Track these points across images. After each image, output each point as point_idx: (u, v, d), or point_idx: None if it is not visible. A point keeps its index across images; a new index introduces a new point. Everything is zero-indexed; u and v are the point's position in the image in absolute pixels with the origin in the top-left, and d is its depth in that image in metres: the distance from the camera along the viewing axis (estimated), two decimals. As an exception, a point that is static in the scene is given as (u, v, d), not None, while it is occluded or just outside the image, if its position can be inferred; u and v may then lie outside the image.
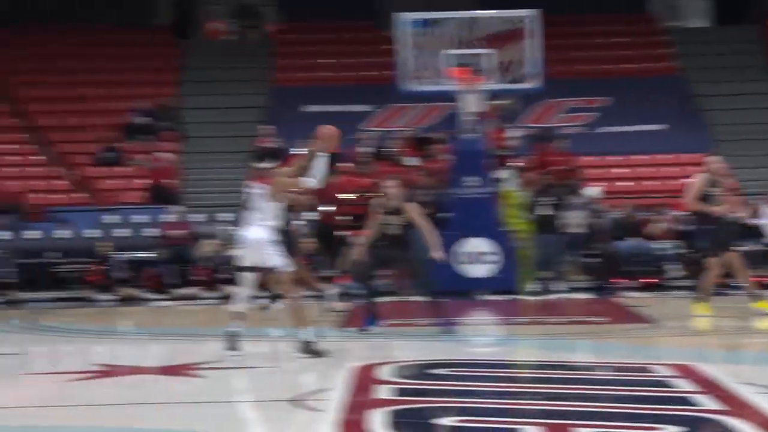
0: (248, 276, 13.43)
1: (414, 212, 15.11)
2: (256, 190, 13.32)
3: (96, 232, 23.95)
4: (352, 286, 21.72)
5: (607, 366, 12.65)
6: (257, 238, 13.26)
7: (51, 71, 32.68)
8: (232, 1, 37.14)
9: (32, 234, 23.93)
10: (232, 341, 13.22)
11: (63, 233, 23.62)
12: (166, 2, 34.87)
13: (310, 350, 12.99)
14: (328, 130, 13.24)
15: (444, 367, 12.34)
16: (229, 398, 11.05)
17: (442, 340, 15.27)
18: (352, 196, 23.09)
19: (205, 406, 10.57)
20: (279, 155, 25.86)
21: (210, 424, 9.65)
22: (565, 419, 9.04)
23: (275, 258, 13.34)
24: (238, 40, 37.58)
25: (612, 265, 22.54)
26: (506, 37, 23.02)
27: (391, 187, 15.21)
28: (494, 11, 23.68)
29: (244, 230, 13.33)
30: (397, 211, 15.11)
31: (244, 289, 13.43)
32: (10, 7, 33.20)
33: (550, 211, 21.57)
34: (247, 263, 13.41)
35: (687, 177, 26.11)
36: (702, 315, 16.73)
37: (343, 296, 20.72)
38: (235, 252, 13.41)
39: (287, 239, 14.17)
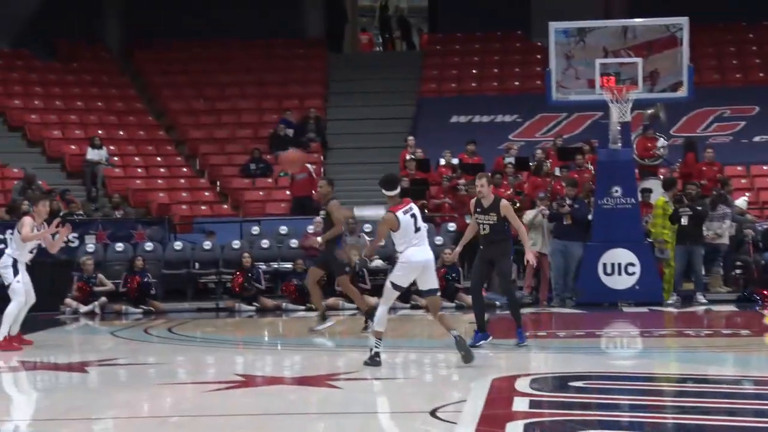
0: (395, 294, 13.35)
1: (509, 211, 14.86)
2: (415, 210, 13.23)
3: (240, 243, 24.18)
4: (494, 297, 21.63)
5: (749, 380, 12.31)
6: (427, 259, 13.20)
7: (200, 85, 33.26)
8: (382, 14, 37.31)
9: (178, 245, 24.27)
10: (374, 360, 13.13)
11: (207, 244, 23.91)
12: (317, 15, 35.19)
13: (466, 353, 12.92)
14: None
15: (583, 380, 12.15)
16: (366, 409, 10.99)
17: (581, 352, 15.06)
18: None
19: (342, 417, 10.55)
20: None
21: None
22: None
23: (436, 280, 13.32)
24: (386, 52, 37.74)
25: (757, 277, 22.01)
26: (656, 45, 22.62)
27: (483, 186, 14.98)
28: (644, 19, 23.32)
29: (412, 251, 13.20)
30: (489, 211, 14.84)
31: (386, 308, 13.32)
32: (160, 23, 33.86)
33: (694, 222, 21.13)
34: (406, 283, 13.34)
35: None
36: None
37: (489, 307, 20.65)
38: (398, 271, 13.26)
39: None
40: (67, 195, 26.09)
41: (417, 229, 13.19)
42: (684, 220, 21.18)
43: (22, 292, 15.84)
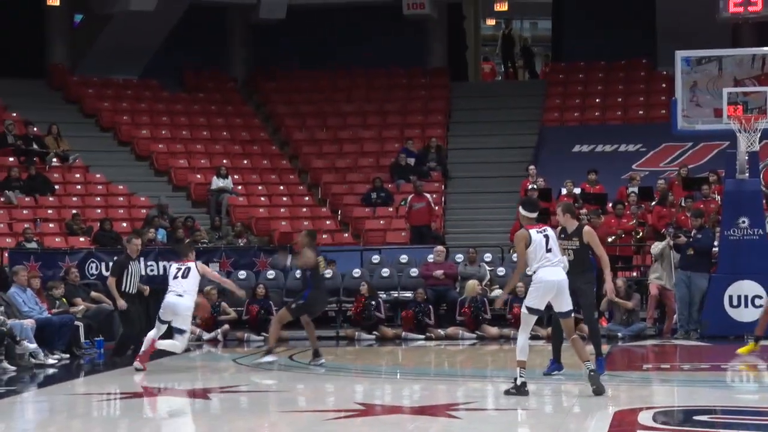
0: (532, 318, 13.26)
1: (592, 238, 14.74)
2: (549, 232, 13.21)
3: (360, 272, 24.28)
4: (615, 329, 21.45)
5: None
6: (560, 280, 13.15)
7: (323, 114, 33.56)
8: (505, 43, 37.33)
9: (299, 273, 24.40)
10: (520, 390, 13.02)
11: (328, 272, 24.04)
12: (440, 45, 35.33)
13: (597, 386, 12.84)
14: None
15: (708, 414, 11.99)
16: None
17: (706, 385, 14.85)
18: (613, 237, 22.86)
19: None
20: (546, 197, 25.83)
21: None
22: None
23: (570, 302, 13.27)
24: (509, 81, 37.73)
25: None
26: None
27: (558, 215, 14.99)
28: (770, 47, 23.04)
29: (543, 272, 13.13)
30: (573, 236, 14.74)
31: (526, 335, 13.22)
32: (284, 53, 34.28)
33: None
34: (542, 305, 13.29)
35: None
36: None
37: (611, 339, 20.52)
38: (532, 294, 13.20)
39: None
40: (190, 222, 26.45)
41: (548, 250, 13.12)
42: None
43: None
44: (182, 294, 16.84)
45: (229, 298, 22.79)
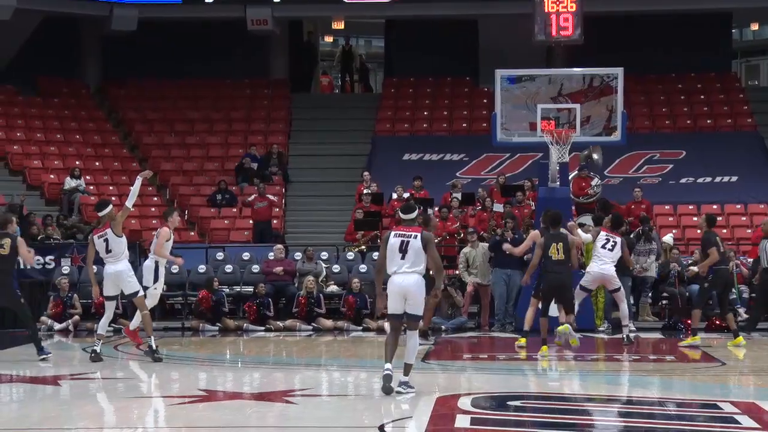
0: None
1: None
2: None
3: (205, 267, 24.16)
4: (436, 321, 21.68)
5: (673, 402, 12.44)
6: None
7: (171, 120, 33.24)
8: (344, 58, 37.42)
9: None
10: None
11: (175, 268, 23.82)
12: (283, 58, 35.33)
13: None
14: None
15: (520, 399, 12.24)
16: (319, 424, 11.01)
17: (519, 373, 15.17)
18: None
19: (297, 431, 10.58)
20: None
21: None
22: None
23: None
24: (345, 94, 37.88)
25: (681, 307, 22.20)
26: (593, 92, 22.87)
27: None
28: (582, 69, 23.59)
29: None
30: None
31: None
32: (134, 62, 33.81)
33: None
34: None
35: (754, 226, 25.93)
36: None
37: (435, 331, 20.72)
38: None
39: None
40: (48, 220, 25.97)
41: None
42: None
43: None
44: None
45: (80, 290, 22.50)
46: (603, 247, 18.52)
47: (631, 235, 22.14)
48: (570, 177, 23.43)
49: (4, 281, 16.43)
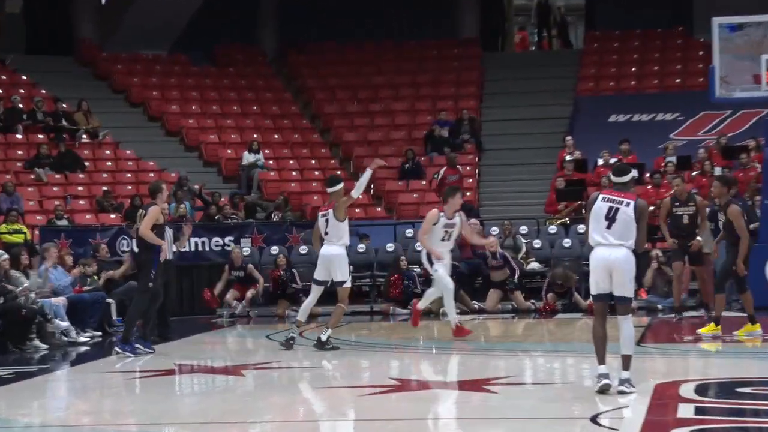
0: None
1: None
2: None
3: (394, 246, 24.15)
4: (651, 300, 21.30)
5: None
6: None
7: (353, 87, 33.44)
8: (541, 11, 37.07)
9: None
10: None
11: (362, 247, 23.93)
12: (471, 15, 35.13)
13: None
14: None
15: (751, 386, 11.83)
16: (524, 414, 10.83)
17: (749, 357, 14.69)
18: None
19: (498, 423, 10.43)
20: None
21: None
22: None
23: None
24: (542, 51, 37.50)
25: None
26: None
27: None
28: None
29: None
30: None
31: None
32: (314, 27, 34.15)
33: None
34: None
35: None
36: None
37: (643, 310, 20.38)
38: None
39: None
40: (236, 199, 26.46)
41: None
42: None
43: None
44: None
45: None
46: None
47: None
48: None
49: (148, 258, 15.72)
